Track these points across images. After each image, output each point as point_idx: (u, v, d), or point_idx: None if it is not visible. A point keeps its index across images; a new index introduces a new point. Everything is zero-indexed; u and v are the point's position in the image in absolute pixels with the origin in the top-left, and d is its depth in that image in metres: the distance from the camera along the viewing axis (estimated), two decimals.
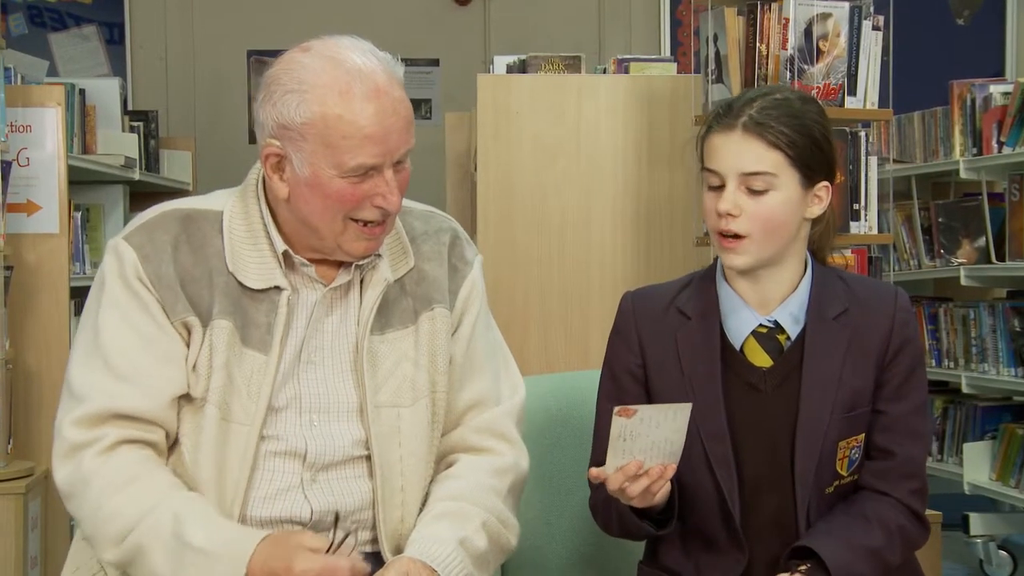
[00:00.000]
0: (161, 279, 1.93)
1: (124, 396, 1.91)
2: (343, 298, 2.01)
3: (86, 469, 1.89)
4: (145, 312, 1.93)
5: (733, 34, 3.58)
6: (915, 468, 2.12)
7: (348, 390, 1.99)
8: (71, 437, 1.90)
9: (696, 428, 2.07)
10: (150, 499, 1.87)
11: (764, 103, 2.07)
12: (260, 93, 1.95)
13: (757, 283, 2.12)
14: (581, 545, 2.40)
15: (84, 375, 1.93)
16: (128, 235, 1.97)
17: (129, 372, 1.91)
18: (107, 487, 1.88)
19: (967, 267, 4.86)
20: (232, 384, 1.92)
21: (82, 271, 4.63)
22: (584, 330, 4.03)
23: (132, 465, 1.90)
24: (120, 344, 1.92)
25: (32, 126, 4.12)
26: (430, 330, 2.03)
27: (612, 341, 2.20)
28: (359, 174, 1.90)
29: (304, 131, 1.89)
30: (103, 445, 1.90)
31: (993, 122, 4.67)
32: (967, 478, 4.79)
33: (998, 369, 4.78)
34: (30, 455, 4.04)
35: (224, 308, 1.93)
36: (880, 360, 2.11)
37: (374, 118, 1.88)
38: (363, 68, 1.90)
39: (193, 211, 2.00)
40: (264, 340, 1.94)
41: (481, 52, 6.67)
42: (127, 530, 1.86)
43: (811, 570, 2.01)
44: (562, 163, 4.06)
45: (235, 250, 1.96)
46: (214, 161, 6.28)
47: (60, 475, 1.92)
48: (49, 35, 6.63)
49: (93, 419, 1.91)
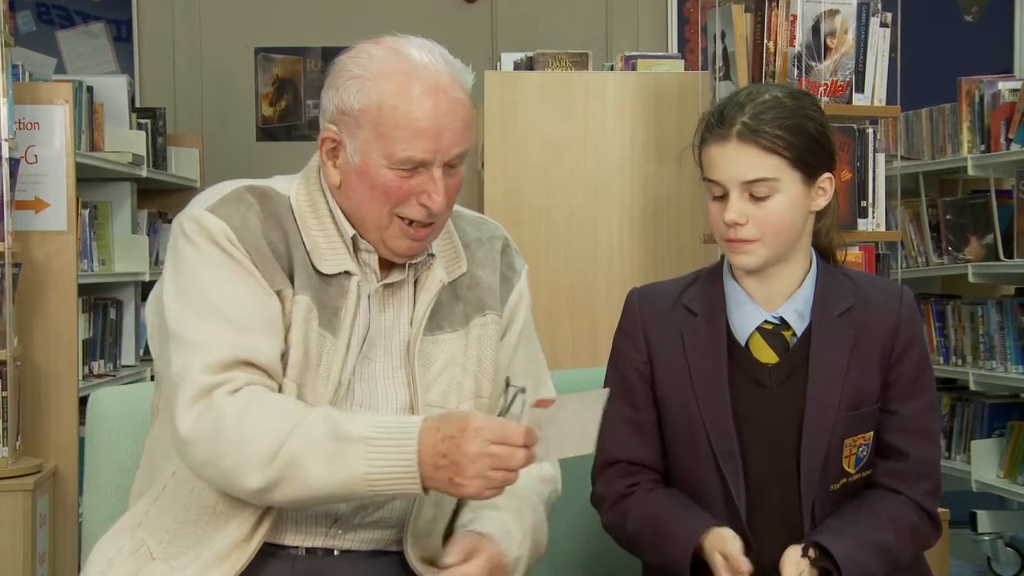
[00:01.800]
0: (257, 250, 1.91)
1: (247, 346, 1.86)
2: (395, 295, 2.01)
3: (219, 404, 1.83)
4: (246, 273, 1.90)
5: (740, 31, 3.58)
6: (929, 468, 2.13)
7: (398, 388, 1.99)
8: (200, 380, 1.84)
9: (702, 424, 2.08)
10: (296, 414, 1.82)
11: (755, 107, 2.06)
12: (327, 79, 1.96)
13: (763, 279, 2.12)
14: (586, 542, 2.40)
15: (200, 327, 1.88)
16: (212, 207, 1.93)
17: (247, 324, 1.88)
18: (247, 411, 1.82)
19: (975, 264, 4.85)
20: (307, 362, 1.92)
21: (90, 268, 4.64)
22: (591, 327, 4.03)
23: (266, 393, 1.86)
24: (231, 298, 1.89)
25: (40, 123, 4.12)
26: (480, 335, 2.03)
27: (618, 339, 2.21)
28: (408, 168, 1.90)
29: (360, 117, 1.90)
30: (234, 385, 1.85)
31: (1001, 119, 4.66)
32: (975, 475, 4.79)
33: (1006, 366, 4.77)
34: (38, 452, 4.05)
35: (303, 284, 1.93)
36: (886, 358, 2.11)
37: (430, 113, 1.89)
38: (427, 64, 1.91)
39: (267, 188, 1.99)
40: (333, 323, 1.93)
41: (488, 49, 6.67)
42: (278, 444, 1.80)
43: (820, 559, 2.01)
44: (569, 160, 4.06)
45: (307, 233, 1.96)
46: (221, 158, 6.29)
47: (187, 420, 1.84)
48: (57, 32, 6.65)
49: (222, 364, 1.86)
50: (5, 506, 3.81)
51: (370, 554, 1.98)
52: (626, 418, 2.16)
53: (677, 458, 2.15)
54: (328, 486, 1.79)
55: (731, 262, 2.12)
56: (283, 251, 1.94)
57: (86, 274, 4.50)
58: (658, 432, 2.16)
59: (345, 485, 1.79)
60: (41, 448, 4.07)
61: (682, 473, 2.14)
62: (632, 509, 2.13)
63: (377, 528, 1.98)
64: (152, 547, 1.95)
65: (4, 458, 3.85)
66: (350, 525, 1.96)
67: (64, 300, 4.17)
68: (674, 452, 2.15)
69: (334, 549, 1.97)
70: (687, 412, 2.11)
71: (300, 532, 1.95)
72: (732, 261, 2.11)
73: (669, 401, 2.14)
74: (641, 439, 2.16)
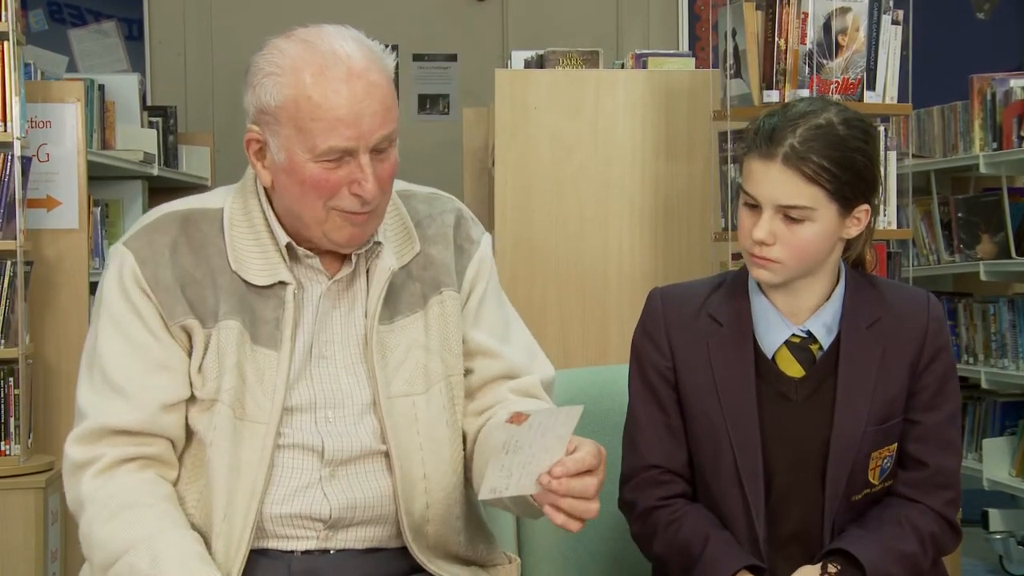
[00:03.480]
0: (159, 283, 1.92)
1: (115, 411, 1.90)
2: (348, 289, 1.99)
3: (84, 492, 1.90)
4: (138, 319, 1.92)
5: (751, 28, 3.57)
6: (949, 479, 2.12)
7: (361, 384, 1.97)
8: (72, 456, 1.92)
9: (728, 439, 2.07)
10: (134, 533, 1.85)
11: (806, 132, 2.01)
12: (246, 80, 1.96)
13: (790, 293, 2.10)
14: (601, 542, 2.39)
15: (84, 390, 1.95)
16: (128, 239, 1.96)
17: (120, 383, 1.91)
18: (97, 515, 1.88)
19: (986, 262, 4.84)
20: (245, 383, 1.91)
21: (101, 267, 4.64)
22: (602, 325, 4.03)
23: (125, 492, 1.89)
24: (112, 355, 1.92)
25: (52, 122, 4.13)
26: (440, 314, 2.01)
27: (640, 340, 2.17)
28: (333, 159, 1.87)
29: (279, 114, 1.89)
30: (100, 466, 1.90)
31: (1013, 117, 4.65)
32: (987, 474, 4.78)
33: (1018, 364, 4.76)
34: (50, 450, 4.06)
35: (231, 308, 1.92)
36: (913, 369, 2.09)
37: (346, 100, 1.86)
38: (338, 52, 1.89)
39: (192, 211, 1.98)
40: (274, 336, 1.93)
41: (499, 47, 6.67)
42: (109, 563, 1.85)
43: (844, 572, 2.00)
44: (580, 158, 4.06)
45: (237, 247, 1.95)
46: (232, 156, 6.28)
47: (67, 495, 1.94)
48: (69, 31, 6.66)
49: (90, 436, 1.91)
50: (17, 504, 3.82)
51: (367, 551, 1.98)
52: (656, 421, 2.14)
53: (698, 467, 2.14)
54: None
55: (752, 276, 2.10)
56: (203, 278, 1.93)
57: (97, 272, 4.50)
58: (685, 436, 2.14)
59: None
60: (53, 446, 4.07)
61: (702, 480, 2.13)
62: (660, 527, 2.11)
63: (370, 526, 1.97)
64: None
65: (16, 456, 3.86)
66: (341, 526, 1.96)
67: (75, 298, 4.17)
68: (696, 461, 2.14)
69: (330, 549, 1.96)
70: (711, 424, 2.09)
71: (292, 538, 1.95)
72: (752, 274, 2.09)
73: (693, 410, 2.12)
74: (673, 442, 2.13)
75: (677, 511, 2.11)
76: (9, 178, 3.83)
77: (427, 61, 6.78)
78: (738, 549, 2.05)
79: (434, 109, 6.83)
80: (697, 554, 2.04)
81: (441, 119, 6.79)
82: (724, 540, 2.06)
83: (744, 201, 2.07)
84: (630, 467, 2.16)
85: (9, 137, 3.82)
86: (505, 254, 3.99)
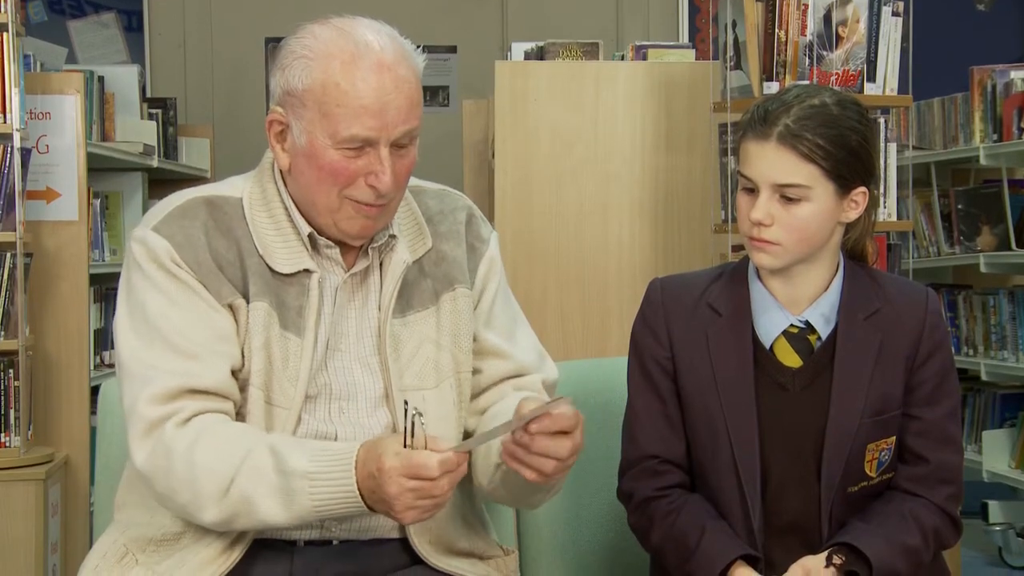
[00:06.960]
0: (201, 265, 1.92)
1: (193, 373, 1.88)
2: (363, 283, 2.00)
3: (168, 439, 1.85)
4: (192, 293, 1.91)
5: (752, 20, 3.57)
6: (950, 474, 2.12)
7: (373, 376, 1.98)
8: (147, 414, 1.87)
9: (726, 430, 2.07)
10: (243, 445, 1.84)
11: (800, 111, 2.02)
12: (275, 61, 1.95)
13: (789, 282, 2.10)
14: (604, 535, 2.39)
15: (147, 357, 1.90)
16: (158, 226, 1.94)
17: (192, 349, 1.89)
18: (196, 447, 1.84)
19: (986, 254, 4.84)
20: (272, 367, 1.92)
21: (101, 258, 4.65)
22: (602, 318, 4.03)
23: (216, 425, 1.87)
24: (176, 324, 1.90)
25: (51, 113, 4.12)
26: (452, 310, 2.02)
27: (639, 330, 2.18)
28: (354, 147, 1.88)
29: (305, 98, 1.89)
30: (181, 417, 1.87)
31: (1014, 108, 4.65)
32: (986, 466, 4.78)
33: (1017, 356, 4.77)
34: (50, 441, 4.06)
35: (260, 290, 1.93)
36: (910, 363, 2.10)
37: (373, 91, 1.87)
38: (371, 43, 1.90)
39: (215, 196, 1.99)
40: (297, 323, 1.93)
41: (499, 39, 6.66)
42: (228, 480, 1.82)
43: (848, 563, 2.01)
44: (580, 150, 4.05)
45: (260, 234, 1.95)
46: (232, 148, 6.29)
47: (141, 455, 1.88)
48: (68, 22, 6.65)
49: (167, 395, 1.87)
50: (17, 496, 3.82)
51: (370, 542, 1.98)
52: (654, 411, 2.14)
53: (695, 457, 2.14)
54: (282, 519, 1.83)
55: (752, 261, 2.10)
56: (234, 260, 1.93)
57: (97, 264, 4.51)
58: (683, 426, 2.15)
59: (299, 517, 1.83)
60: (53, 438, 4.08)
61: (700, 470, 2.14)
62: (657, 518, 2.11)
63: (372, 517, 1.95)
64: (137, 555, 1.96)
65: (16, 448, 3.86)
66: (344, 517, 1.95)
67: (75, 290, 4.17)
68: (693, 450, 2.14)
69: (332, 540, 1.97)
70: (709, 414, 2.10)
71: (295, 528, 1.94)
72: (752, 259, 2.09)
73: (691, 400, 2.12)
74: (671, 432, 2.14)
75: (674, 501, 2.11)
76: (9, 170, 3.83)
77: (427, 53, 6.77)
78: (734, 539, 2.05)
79: (434, 101, 6.82)
80: (694, 544, 2.05)
81: (441, 111, 6.78)
82: (721, 530, 2.06)
83: (742, 186, 2.08)
84: (628, 457, 2.17)
85: (9, 129, 3.82)
86: (505, 246, 3.95)
